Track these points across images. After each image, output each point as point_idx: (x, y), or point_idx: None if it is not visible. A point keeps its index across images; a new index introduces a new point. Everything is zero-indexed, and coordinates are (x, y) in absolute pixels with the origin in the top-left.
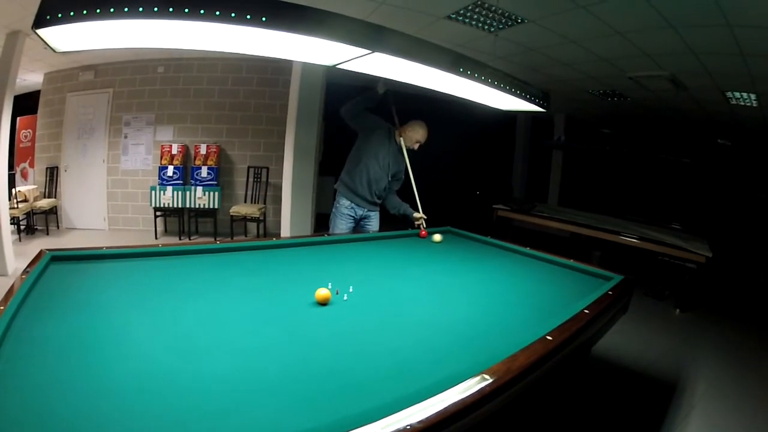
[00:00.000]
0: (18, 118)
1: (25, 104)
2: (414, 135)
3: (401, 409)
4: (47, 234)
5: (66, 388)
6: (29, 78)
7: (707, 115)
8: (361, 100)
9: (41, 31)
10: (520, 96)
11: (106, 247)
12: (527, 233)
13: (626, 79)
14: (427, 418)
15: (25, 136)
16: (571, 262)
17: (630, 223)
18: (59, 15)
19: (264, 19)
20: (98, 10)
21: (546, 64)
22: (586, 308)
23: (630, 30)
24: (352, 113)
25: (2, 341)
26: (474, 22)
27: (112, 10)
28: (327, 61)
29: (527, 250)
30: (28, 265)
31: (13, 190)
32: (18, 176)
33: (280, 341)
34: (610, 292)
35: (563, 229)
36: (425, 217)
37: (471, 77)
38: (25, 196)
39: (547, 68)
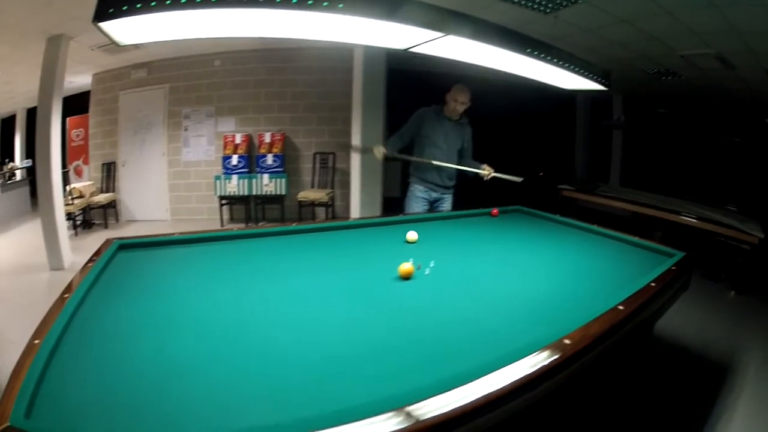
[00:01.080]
0: (68, 119)
1: (75, 105)
2: (454, 101)
3: (488, 373)
4: (105, 227)
5: (163, 363)
6: (76, 80)
7: (753, 95)
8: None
9: (103, 25)
10: (584, 75)
11: (178, 233)
12: (590, 212)
13: (678, 58)
14: (517, 379)
15: (77, 135)
16: (635, 239)
17: (688, 204)
18: (123, 7)
19: (341, 5)
20: (168, 1)
21: (601, 45)
22: (652, 281)
23: (676, 8)
24: (399, 146)
25: (68, 327)
26: (529, 3)
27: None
28: (400, 44)
29: (594, 227)
30: (94, 254)
31: (67, 187)
32: (71, 174)
33: (368, 313)
34: (674, 268)
35: (625, 209)
36: (492, 170)
37: (538, 57)
38: (81, 192)
39: (602, 49)
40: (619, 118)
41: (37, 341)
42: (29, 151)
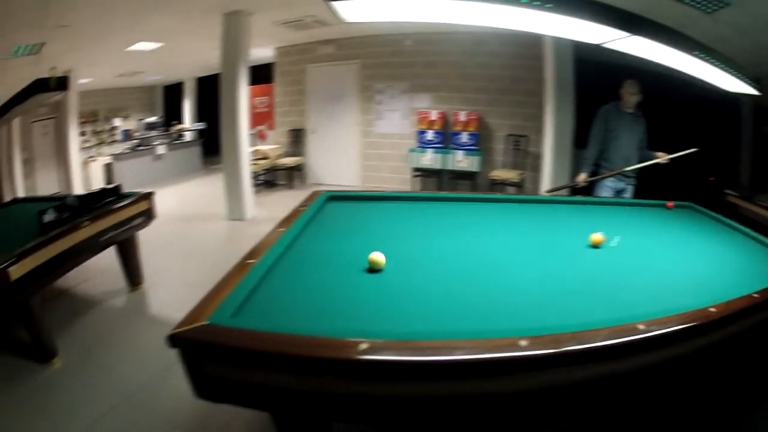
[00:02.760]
0: (250, 87)
1: (256, 75)
2: (628, 95)
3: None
4: (291, 188)
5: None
6: (255, 52)
7: None
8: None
9: (334, 4)
10: (738, 77)
11: (381, 191)
12: (748, 221)
13: None
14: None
15: (261, 103)
16: None
17: None
18: None
19: (548, 6)
20: None
21: (757, 48)
22: None
23: None
24: (598, 148)
25: (285, 254)
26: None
27: None
28: (594, 40)
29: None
30: (304, 202)
31: (252, 148)
32: (255, 138)
33: (562, 268)
34: None
35: None
36: (667, 155)
37: (702, 59)
38: (265, 154)
39: (759, 53)
40: None
41: (250, 261)
42: (201, 116)
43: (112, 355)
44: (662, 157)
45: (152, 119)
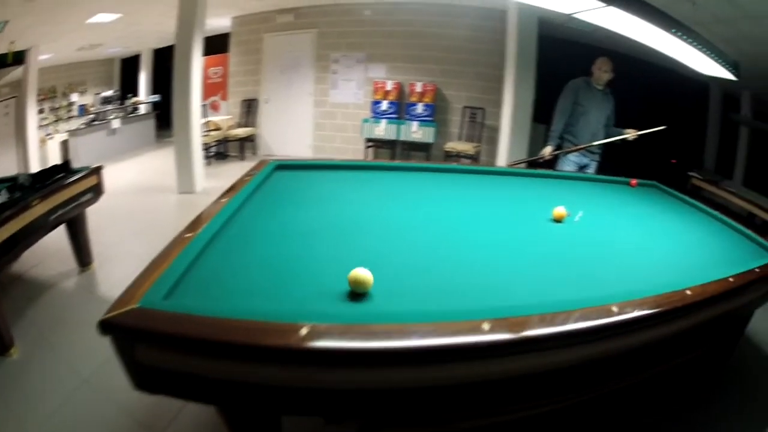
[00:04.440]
0: (205, 58)
1: (211, 45)
2: (601, 72)
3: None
4: (242, 160)
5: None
6: (212, 22)
7: None
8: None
9: None
10: (716, 60)
11: (329, 159)
12: (712, 205)
13: None
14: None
15: (215, 73)
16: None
17: None
18: None
19: None
20: None
21: (736, 37)
22: (757, 267)
23: None
24: (564, 123)
25: (225, 226)
26: None
27: None
28: (567, 8)
29: (740, 227)
30: (250, 171)
31: (203, 119)
32: (207, 109)
33: (525, 242)
34: None
35: (743, 208)
36: (636, 131)
37: (681, 38)
38: (217, 125)
39: (737, 42)
40: (746, 114)
41: (188, 235)
42: (156, 88)
43: (66, 340)
44: (631, 134)
45: (108, 93)
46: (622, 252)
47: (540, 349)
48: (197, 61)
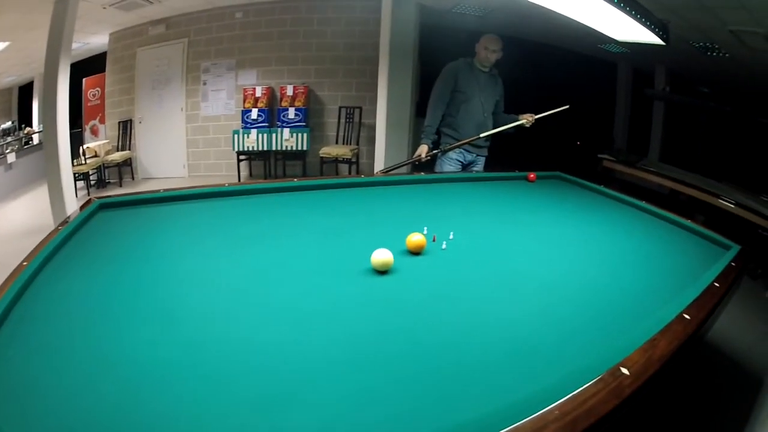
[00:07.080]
0: (84, 79)
1: (92, 66)
2: (485, 49)
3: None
4: (120, 186)
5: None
6: (93, 40)
7: None
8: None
9: None
10: (641, 22)
11: (163, 190)
12: (627, 185)
13: (727, 33)
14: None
15: (93, 95)
16: (688, 222)
17: (731, 190)
18: None
19: None
20: None
21: (650, 7)
22: (715, 281)
23: None
24: (440, 114)
25: (17, 301)
26: None
27: None
28: None
29: (642, 203)
30: (68, 217)
31: (81, 147)
32: (88, 134)
33: (355, 302)
34: (734, 264)
35: (663, 185)
36: (533, 116)
37: None
38: (95, 151)
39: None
40: (664, 89)
41: None
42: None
43: None
44: (527, 119)
45: (7, 125)
46: (516, 295)
47: None
48: (63, 85)
